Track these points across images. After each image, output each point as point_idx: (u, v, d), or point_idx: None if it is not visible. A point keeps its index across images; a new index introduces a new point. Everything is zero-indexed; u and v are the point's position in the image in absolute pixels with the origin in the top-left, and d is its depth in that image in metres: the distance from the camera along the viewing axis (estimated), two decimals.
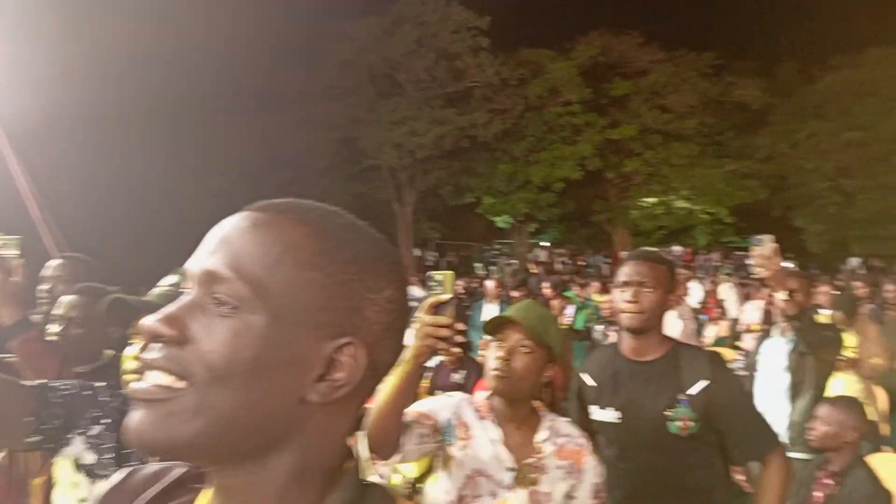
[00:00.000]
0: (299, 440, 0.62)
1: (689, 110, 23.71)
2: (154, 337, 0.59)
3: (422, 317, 1.57)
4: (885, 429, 4.55)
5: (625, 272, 2.07)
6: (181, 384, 0.58)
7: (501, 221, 26.47)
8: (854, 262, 24.77)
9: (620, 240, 26.48)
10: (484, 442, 1.74)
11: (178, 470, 0.73)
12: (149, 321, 0.59)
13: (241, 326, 0.58)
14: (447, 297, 1.58)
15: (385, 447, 1.62)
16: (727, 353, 6.40)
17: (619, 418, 2.04)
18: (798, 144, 25.28)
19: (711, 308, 10.84)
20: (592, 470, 1.78)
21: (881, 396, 4.57)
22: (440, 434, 1.74)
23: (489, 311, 6.99)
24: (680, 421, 1.96)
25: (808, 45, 28.94)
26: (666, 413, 1.98)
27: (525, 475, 1.71)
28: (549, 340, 1.75)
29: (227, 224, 0.64)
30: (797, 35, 31.43)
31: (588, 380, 2.16)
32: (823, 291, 4.89)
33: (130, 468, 0.76)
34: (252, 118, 19.65)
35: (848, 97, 25.92)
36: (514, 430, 1.77)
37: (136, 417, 0.59)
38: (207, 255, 0.61)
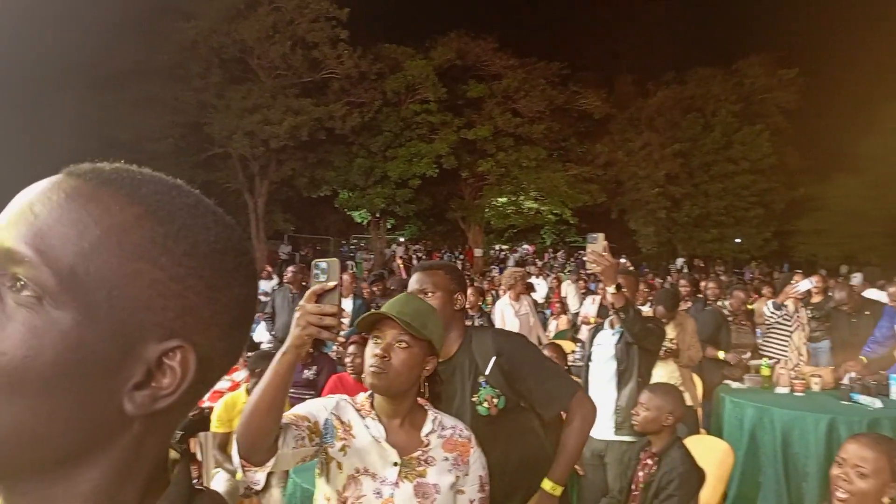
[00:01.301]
0: (110, 453, 0.52)
1: (538, 116, 24.95)
2: None
3: (305, 305, 1.50)
4: (700, 413, 5.04)
5: (410, 284, 2.22)
6: None
7: (358, 216, 26.30)
8: (679, 261, 27.34)
9: (474, 237, 27.32)
10: (367, 440, 1.68)
11: None
12: None
13: (42, 323, 0.47)
14: (332, 284, 1.51)
15: (259, 451, 1.50)
16: (567, 344, 6.80)
17: None
18: (633, 153, 27.51)
19: (555, 303, 11.49)
20: (478, 462, 1.76)
21: (698, 384, 5.07)
22: (319, 436, 1.66)
23: (344, 305, 6.88)
24: (486, 402, 2.07)
25: (643, 61, 31.52)
26: (472, 399, 2.08)
27: (412, 468, 1.66)
28: (429, 334, 1.71)
29: (35, 190, 0.51)
30: (634, 51, 34.08)
31: None
32: (642, 289, 5.32)
33: None
34: (85, 96, 17.95)
35: (676, 111, 28.59)
36: (398, 426, 1.72)
37: None
38: (4, 226, 0.49)
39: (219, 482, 3.84)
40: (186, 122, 20.48)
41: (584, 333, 6.99)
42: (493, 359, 2.10)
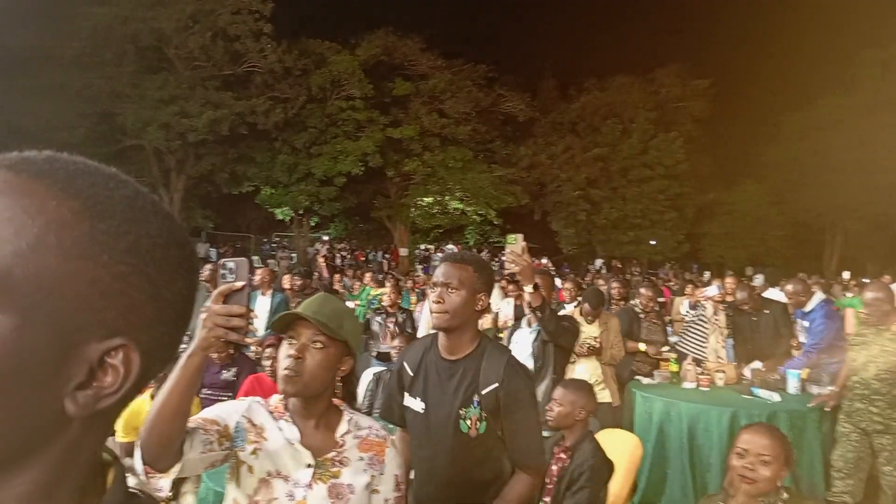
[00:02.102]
0: (48, 454, 0.51)
1: (463, 117, 25.15)
2: None
3: (212, 306, 1.45)
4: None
5: (436, 274, 2.13)
6: None
7: (281, 213, 25.76)
8: (598, 262, 28.24)
9: (400, 236, 27.26)
10: (280, 442, 1.65)
11: None
12: None
13: None
14: (240, 284, 1.48)
15: (164, 457, 1.45)
16: None
17: (423, 409, 2.11)
18: (555, 156, 28.22)
19: None
20: (393, 462, 1.75)
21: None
22: (229, 440, 1.62)
23: (262, 304, 6.76)
24: (470, 420, 2.04)
25: (566, 67, 32.44)
26: (460, 411, 2.06)
27: (326, 470, 1.64)
28: (345, 334, 1.69)
29: None
30: (557, 56, 34.98)
31: (407, 368, 2.22)
32: (567, 287, 5.48)
33: None
34: None
35: (596, 117, 29.54)
36: (313, 428, 1.69)
37: None
38: None
39: None
40: (98, 111, 19.53)
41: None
42: (495, 385, 2.05)
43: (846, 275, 17.60)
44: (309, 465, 1.64)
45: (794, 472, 2.34)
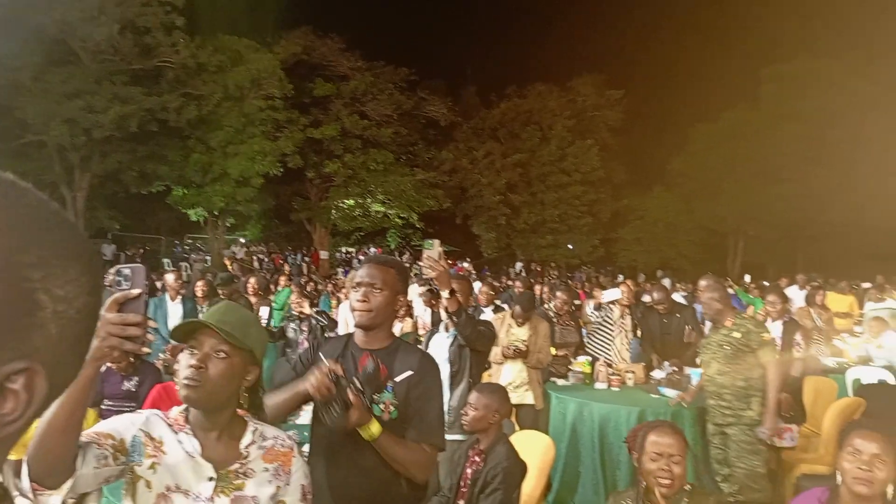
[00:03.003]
0: None
1: (385, 119, 25.10)
2: None
3: (106, 315, 1.37)
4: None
5: (359, 274, 2.21)
6: None
7: (195, 214, 24.79)
8: (518, 265, 28.81)
9: (320, 239, 26.86)
10: (180, 456, 1.59)
11: None
12: None
13: None
14: (137, 292, 1.40)
15: (54, 473, 1.36)
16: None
17: None
18: (476, 161, 28.66)
19: None
20: (300, 471, 1.72)
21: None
22: (125, 455, 1.55)
23: (174, 310, 6.49)
24: (383, 404, 2.10)
25: (487, 73, 32.95)
26: (374, 396, 2.09)
27: (229, 482, 1.59)
28: (251, 343, 1.65)
29: None
30: (478, 63, 35.48)
31: (325, 361, 2.22)
32: (483, 291, 5.53)
33: None
34: None
35: (516, 124, 30.18)
36: (216, 440, 1.64)
37: None
38: None
39: None
40: None
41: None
42: (409, 373, 2.14)
43: (747, 278, 18.62)
44: (211, 479, 1.59)
45: (698, 468, 2.43)
